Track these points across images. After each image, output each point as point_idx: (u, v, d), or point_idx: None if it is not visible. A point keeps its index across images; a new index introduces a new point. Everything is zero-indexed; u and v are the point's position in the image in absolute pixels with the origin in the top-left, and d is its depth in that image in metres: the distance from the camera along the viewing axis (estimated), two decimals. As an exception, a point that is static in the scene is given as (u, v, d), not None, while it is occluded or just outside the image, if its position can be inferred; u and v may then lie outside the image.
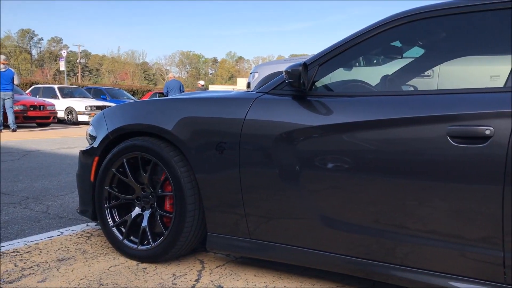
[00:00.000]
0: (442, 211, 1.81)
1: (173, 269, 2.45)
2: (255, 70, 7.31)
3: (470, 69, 3.56)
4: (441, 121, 1.78)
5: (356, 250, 2.04)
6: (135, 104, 2.70)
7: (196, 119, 2.36)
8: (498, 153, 1.67)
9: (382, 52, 2.79)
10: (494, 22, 1.99)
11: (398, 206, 1.90)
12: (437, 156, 1.80)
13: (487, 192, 1.71)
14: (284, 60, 7.42)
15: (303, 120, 2.11)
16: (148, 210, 2.57)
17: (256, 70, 7.27)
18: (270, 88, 2.30)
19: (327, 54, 2.20)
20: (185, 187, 2.35)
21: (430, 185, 1.82)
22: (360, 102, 2.06)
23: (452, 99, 1.83)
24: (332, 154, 2.03)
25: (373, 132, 1.94)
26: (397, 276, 1.96)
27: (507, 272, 1.72)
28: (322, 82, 2.29)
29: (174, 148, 2.43)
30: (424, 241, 1.87)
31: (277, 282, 2.28)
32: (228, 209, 2.29)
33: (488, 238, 1.74)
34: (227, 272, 2.41)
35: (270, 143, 2.15)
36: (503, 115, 1.67)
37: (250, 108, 2.24)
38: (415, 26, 2.10)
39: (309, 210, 2.11)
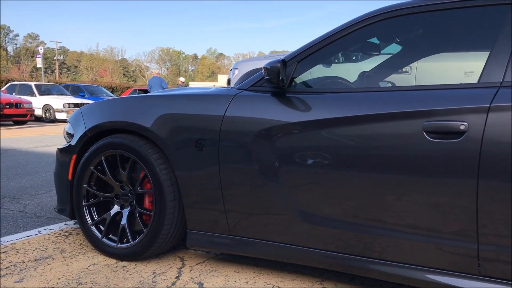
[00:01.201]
0: (419, 205, 1.84)
1: (153, 267, 2.43)
2: (235, 67, 7.30)
3: (446, 66, 3.62)
4: (417, 117, 1.81)
5: (334, 245, 2.06)
6: (113, 101, 2.68)
7: (175, 116, 2.35)
8: (472, 148, 1.70)
9: (360, 49, 2.82)
10: (468, 19, 2.03)
11: (376, 201, 1.92)
12: (414, 151, 1.83)
13: (462, 186, 1.74)
14: (264, 57, 7.42)
15: (282, 117, 2.12)
16: (127, 208, 2.55)
17: (236, 67, 7.26)
18: (249, 85, 2.30)
19: (305, 51, 2.21)
20: (164, 184, 2.34)
21: (408, 180, 1.85)
22: (338, 99, 2.08)
23: (428, 95, 1.86)
24: (311, 150, 2.04)
25: (351, 128, 1.96)
26: (375, 270, 1.98)
27: (481, 264, 1.76)
28: (301, 79, 2.30)
29: (153, 146, 2.41)
30: (402, 235, 1.90)
31: (257, 278, 2.29)
32: (208, 206, 2.29)
33: (463, 231, 1.77)
34: (208, 269, 2.41)
35: (250, 140, 2.15)
36: (477, 111, 1.70)
37: (230, 105, 2.24)
38: (392, 23, 2.13)
39: (288, 205, 2.12)
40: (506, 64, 1.75)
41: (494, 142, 1.66)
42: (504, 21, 1.81)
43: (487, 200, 1.69)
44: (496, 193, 1.68)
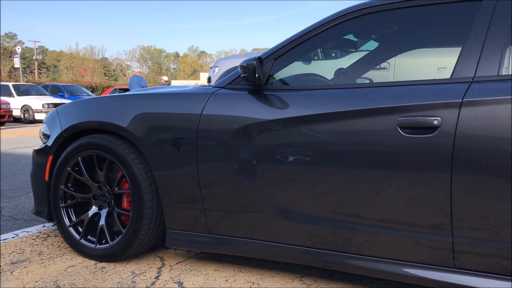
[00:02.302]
0: (396, 200, 1.86)
1: (132, 267, 2.42)
2: (215, 65, 7.28)
3: (423, 62, 3.66)
4: (391, 113, 1.83)
5: (313, 241, 2.07)
6: (90, 101, 2.65)
7: (152, 115, 2.33)
8: (445, 142, 1.72)
9: (337, 46, 2.84)
10: (441, 16, 2.05)
11: (354, 197, 1.94)
12: (389, 146, 1.85)
13: (436, 180, 1.76)
14: (245, 55, 7.41)
15: (259, 114, 2.12)
16: (105, 209, 2.53)
17: (216, 65, 7.24)
18: (226, 83, 2.30)
19: (281, 48, 2.21)
20: (142, 184, 2.32)
21: (384, 175, 1.87)
22: (315, 95, 2.09)
23: (402, 91, 1.88)
24: (289, 147, 2.05)
25: (328, 124, 1.97)
26: (353, 265, 2.00)
27: (456, 257, 1.79)
28: (279, 76, 2.30)
29: (130, 145, 2.39)
30: (379, 230, 1.92)
31: (237, 276, 2.29)
32: (187, 205, 2.28)
33: (439, 224, 1.80)
34: (188, 268, 2.40)
35: (227, 138, 2.15)
36: (449, 106, 1.73)
37: (207, 103, 2.23)
38: (367, 20, 2.14)
39: (267, 203, 2.12)
40: (478, 59, 1.78)
41: (467, 136, 1.69)
42: (475, 17, 1.84)
43: (461, 194, 1.72)
44: (469, 187, 1.70)
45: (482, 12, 1.83)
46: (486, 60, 1.77)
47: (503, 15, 1.79)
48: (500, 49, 1.76)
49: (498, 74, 1.74)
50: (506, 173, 1.65)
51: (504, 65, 1.79)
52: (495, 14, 1.80)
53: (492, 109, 1.66)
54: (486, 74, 1.75)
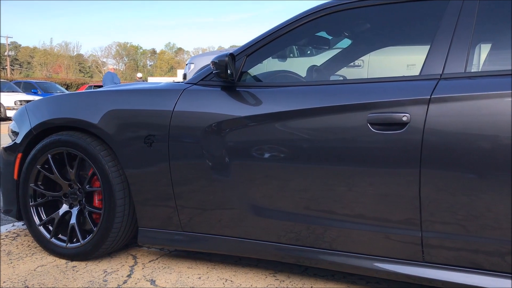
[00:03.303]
0: (368, 196, 1.88)
1: (104, 266, 2.39)
2: (191, 61, 7.24)
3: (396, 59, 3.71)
4: (361, 109, 1.85)
5: (287, 237, 2.08)
6: (60, 97, 2.60)
7: (123, 112, 2.30)
8: (414, 138, 1.75)
9: (310, 43, 2.85)
10: (410, 14, 2.08)
11: (326, 193, 1.95)
12: (360, 143, 1.86)
13: (406, 176, 1.79)
14: (221, 51, 7.39)
15: (232, 111, 2.12)
16: (76, 207, 2.49)
17: (192, 61, 7.20)
18: (198, 79, 2.29)
19: (254, 45, 2.21)
20: (113, 182, 2.29)
21: (356, 171, 1.89)
22: (288, 92, 2.09)
23: (372, 87, 1.90)
24: (262, 144, 2.05)
25: (300, 121, 1.98)
26: (326, 260, 2.02)
27: (425, 251, 1.82)
28: (252, 73, 2.30)
29: (101, 143, 2.36)
30: (352, 225, 1.94)
31: (210, 273, 2.29)
32: (159, 202, 2.26)
33: (409, 219, 1.82)
34: (161, 266, 2.38)
35: (200, 135, 2.14)
36: (418, 102, 1.75)
37: (179, 100, 2.21)
38: (338, 17, 2.16)
39: (240, 200, 2.12)
40: (446, 56, 1.81)
41: (435, 132, 1.72)
42: (443, 16, 1.87)
43: (429, 189, 1.75)
44: (437, 182, 1.73)
45: (449, 11, 1.86)
46: (453, 57, 1.80)
47: (469, 13, 1.82)
48: (467, 46, 1.80)
49: (465, 71, 1.77)
50: (474, 168, 1.68)
51: (471, 63, 1.83)
52: (462, 12, 1.83)
53: (459, 106, 1.70)
54: (453, 71, 1.78)
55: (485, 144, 1.66)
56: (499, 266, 1.71)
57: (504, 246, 1.69)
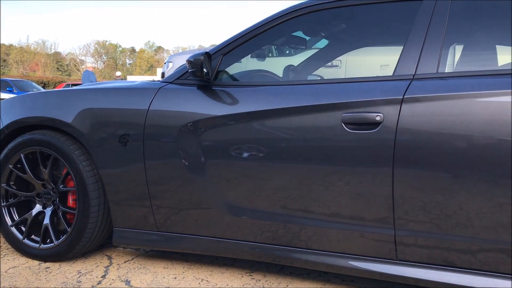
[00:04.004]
0: (343, 195, 1.89)
1: (78, 266, 2.36)
2: (169, 60, 7.19)
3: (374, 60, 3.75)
4: (336, 109, 1.86)
5: (263, 236, 2.08)
6: (33, 95, 2.56)
7: (98, 111, 2.27)
8: (387, 138, 1.77)
9: (287, 42, 2.86)
10: (384, 14, 2.11)
11: (302, 192, 1.95)
12: (335, 142, 1.88)
13: (379, 175, 1.81)
14: (199, 50, 7.36)
15: (207, 110, 2.11)
16: (50, 207, 2.45)
17: (170, 60, 7.15)
18: (174, 78, 2.27)
19: (230, 44, 2.20)
20: (87, 181, 2.26)
21: (332, 171, 1.90)
22: (264, 92, 2.10)
23: (346, 87, 1.91)
24: (238, 143, 2.04)
25: (276, 120, 1.98)
26: (301, 259, 2.02)
27: (398, 249, 1.84)
28: (228, 72, 2.30)
29: (75, 142, 2.33)
30: (328, 224, 1.95)
31: (186, 273, 2.28)
32: (134, 202, 2.24)
33: (383, 218, 1.84)
34: (136, 266, 2.36)
35: (175, 134, 2.12)
36: (391, 102, 1.77)
37: (154, 99, 2.20)
38: (314, 17, 2.17)
39: (216, 199, 2.12)
40: (418, 57, 1.84)
41: (407, 131, 1.74)
42: (415, 17, 1.89)
43: (402, 188, 1.77)
44: (409, 181, 1.76)
45: (422, 12, 1.88)
46: (426, 58, 1.82)
47: (442, 14, 1.85)
48: (439, 47, 1.82)
49: (437, 71, 1.80)
50: (446, 168, 1.71)
51: (443, 63, 1.85)
52: (435, 13, 1.86)
53: (431, 106, 1.72)
54: (426, 71, 1.81)
55: (457, 144, 1.68)
56: (470, 263, 1.74)
57: (475, 243, 1.72)
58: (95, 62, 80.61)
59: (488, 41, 2.03)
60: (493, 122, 1.64)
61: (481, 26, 2.00)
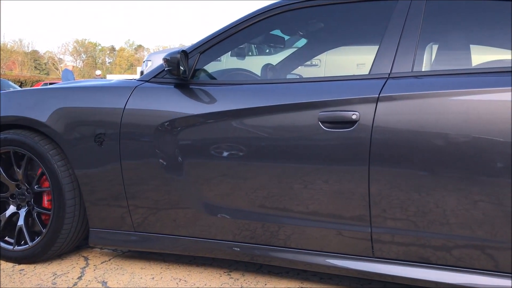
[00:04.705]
0: (321, 193, 1.89)
1: (54, 268, 2.32)
2: (148, 59, 7.13)
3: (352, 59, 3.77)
4: (313, 108, 1.86)
5: (241, 235, 2.07)
6: (7, 94, 2.50)
7: (73, 110, 2.24)
8: (363, 136, 1.78)
9: (265, 41, 2.86)
10: (361, 14, 2.12)
11: (281, 190, 1.95)
12: (312, 141, 1.88)
13: (356, 173, 1.82)
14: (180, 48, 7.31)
15: (185, 109, 2.10)
16: (24, 208, 2.40)
17: (149, 59, 7.09)
18: (151, 76, 2.25)
19: (207, 42, 2.19)
20: (63, 182, 2.23)
21: (310, 169, 1.90)
22: (242, 90, 2.09)
23: (323, 86, 1.92)
24: (215, 142, 2.03)
25: (254, 119, 1.98)
26: (279, 258, 2.02)
27: (375, 247, 1.86)
28: (206, 70, 2.29)
29: (50, 141, 2.29)
30: (306, 223, 1.95)
31: (164, 273, 2.26)
32: (110, 203, 2.22)
33: (359, 216, 1.85)
34: (113, 267, 2.33)
35: (152, 133, 2.10)
36: (367, 101, 1.79)
37: (130, 97, 2.17)
38: (291, 16, 2.17)
39: (194, 199, 2.10)
40: (394, 56, 1.85)
41: (383, 130, 1.75)
42: (391, 16, 1.91)
43: (378, 186, 1.78)
44: (385, 179, 1.77)
45: (397, 12, 1.90)
46: (401, 57, 1.84)
47: (416, 14, 1.87)
48: (414, 46, 1.84)
49: (412, 70, 1.82)
50: (421, 165, 1.73)
51: (418, 62, 1.87)
52: (410, 13, 1.88)
53: (406, 104, 1.74)
54: (401, 70, 1.82)
55: (432, 142, 1.70)
56: (445, 260, 1.76)
57: (451, 240, 1.74)
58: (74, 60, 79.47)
59: (462, 40, 2.06)
60: (468, 120, 1.66)
61: (455, 26, 2.03)
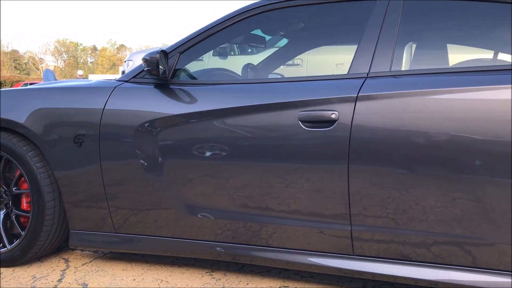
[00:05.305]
0: (303, 192, 1.90)
1: (33, 271, 2.29)
2: (129, 58, 7.08)
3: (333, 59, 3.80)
4: (293, 107, 1.87)
5: (223, 235, 2.07)
6: (-16, 95, 2.46)
7: (51, 111, 2.22)
8: (343, 135, 1.79)
9: (246, 41, 2.86)
10: (340, 14, 2.14)
11: (262, 190, 1.95)
12: (293, 140, 1.89)
13: (336, 171, 1.83)
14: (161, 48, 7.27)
15: (165, 109, 2.09)
16: (2, 210, 2.36)
17: (131, 58, 7.04)
18: (130, 76, 2.24)
19: (187, 42, 2.19)
20: (42, 183, 2.20)
21: (291, 168, 1.91)
22: (223, 90, 2.09)
23: (303, 86, 1.93)
24: (196, 142, 2.03)
25: (234, 119, 1.98)
26: (261, 257, 2.03)
27: (355, 244, 1.87)
28: (186, 70, 2.28)
29: (29, 143, 2.26)
30: (287, 221, 1.96)
31: (145, 275, 2.25)
32: (90, 204, 2.20)
33: (339, 214, 1.87)
34: (94, 269, 2.31)
35: (132, 134, 2.09)
36: (346, 100, 1.80)
37: (109, 98, 2.15)
38: (271, 16, 2.18)
39: (175, 200, 2.10)
40: (372, 56, 1.87)
41: (362, 129, 1.77)
42: (369, 16, 1.93)
43: (357, 184, 1.80)
44: (364, 177, 1.79)
45: (375, 11, 1.92)
46: (379, 56, 1.86)
47: (394, 14, 1.89)
48: (392, 46, 1.86)
49: (391, 70, 1.84)
50: (399, 164, 1.75)
51: (397, 62, 1.89)
52: (388, 13, 1.90)
53: (384, 103, 1.76)
54: (379, 70, 1.84)
55: (410, 140, 1.72)
56: (424, 256, 1.78)
57: (430, 237, 1.76)
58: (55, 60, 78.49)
59: (440, 40, 2.09)
60: (445, 119, 1.68)
61: (432, 26, 2.06)
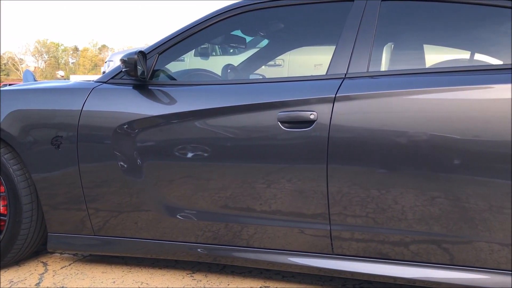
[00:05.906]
0: (283, 192, 1.91)
1: (11, 275, 2.25)
2: (110, 59, 7.02)
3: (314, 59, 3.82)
4: (272, 108, 1.88)
5: (204, 236, 2.07)
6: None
7: (28, 112, 2.19)
8: (321, 136, 1.80)
9: (226, 41, 2.86)
10: (318, 15, 2.15)
11: (243, 191, 1.95)
12: (272, 140, 1.90)
13: (315, 171, 1.84)
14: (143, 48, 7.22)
15: (143, 110, 2.07)
16: (-22, 214, 2.33)
17: (111, 59, 6.98)
18: (108, 77, 2.22)
19: (166, 43, 2.18)
20: (19, 186, 2.17)
21: (271, 169, 1.91)
22: (202, 91, 2.09)
23: (282, 86, 1.94)
24: (175, 143, 2.02)
25: (214, 119, 1.98)
26: (242, 258, 2.03)
27: (334, 244, 1.88)
28: (165, 71, 2.27)
29: (5, 145, 2.22)
30: (268, 222, 1.96)
31: (126, 277, 2.23)
32: (69, 206, 2.17)
33: (319, 214, 1.88)
34: (73, 272, 2.29)
35: (111, 135, 2.07)
36: (324, 101, 1.81)
37: (88, 99, 2.13)
38: (251, 16, 2.18)
39: (155, 201, 2.09)
40: (350, 57, 1.88)
41: (340, 129, 1.78)
42: (347, 17, 1.94)
43: (336, 184, 1.81)
44: (342, 177, 1.80)
45: (353, 12, 1.93)
46: (357, 57, 1.87)
47: (372, 15, 1.91)
48: (369, 47, 1.88)
49: (368, 70, 1.85)
50: (378, 163, 1.77)
51: (374, 62, 1.91)
52: (365, 14, 1.92)
53: (362, 103, 1.77)
54: (357, 70, 1.86)
55: (388, 140, 1.74)
56: (403, 255, 1.80)
57: (408, 236, 1.78)
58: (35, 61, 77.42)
59: (416, 40, 2.12)
60: (422, 119, 1.70)
61: (409, 27, 2.08)
